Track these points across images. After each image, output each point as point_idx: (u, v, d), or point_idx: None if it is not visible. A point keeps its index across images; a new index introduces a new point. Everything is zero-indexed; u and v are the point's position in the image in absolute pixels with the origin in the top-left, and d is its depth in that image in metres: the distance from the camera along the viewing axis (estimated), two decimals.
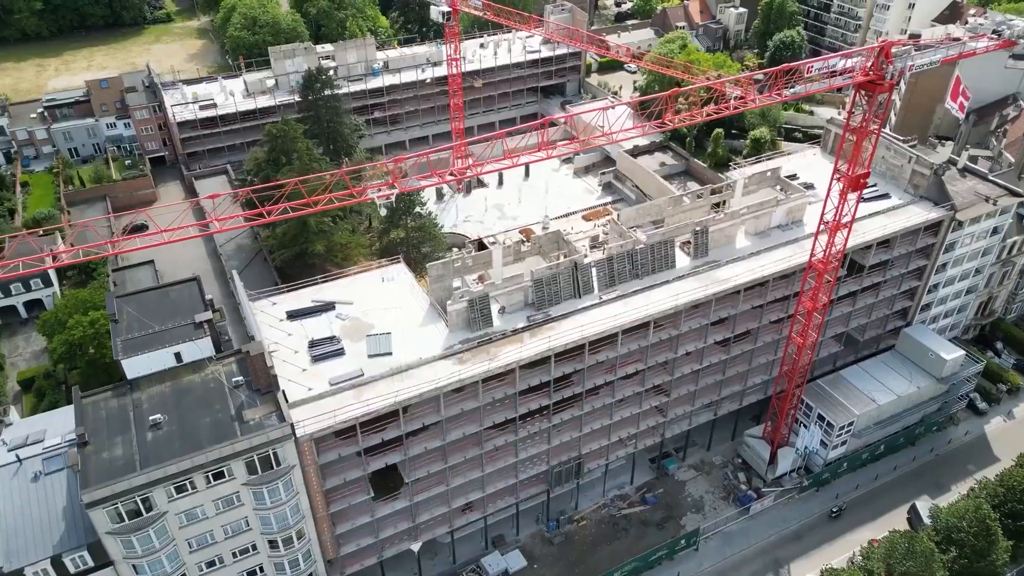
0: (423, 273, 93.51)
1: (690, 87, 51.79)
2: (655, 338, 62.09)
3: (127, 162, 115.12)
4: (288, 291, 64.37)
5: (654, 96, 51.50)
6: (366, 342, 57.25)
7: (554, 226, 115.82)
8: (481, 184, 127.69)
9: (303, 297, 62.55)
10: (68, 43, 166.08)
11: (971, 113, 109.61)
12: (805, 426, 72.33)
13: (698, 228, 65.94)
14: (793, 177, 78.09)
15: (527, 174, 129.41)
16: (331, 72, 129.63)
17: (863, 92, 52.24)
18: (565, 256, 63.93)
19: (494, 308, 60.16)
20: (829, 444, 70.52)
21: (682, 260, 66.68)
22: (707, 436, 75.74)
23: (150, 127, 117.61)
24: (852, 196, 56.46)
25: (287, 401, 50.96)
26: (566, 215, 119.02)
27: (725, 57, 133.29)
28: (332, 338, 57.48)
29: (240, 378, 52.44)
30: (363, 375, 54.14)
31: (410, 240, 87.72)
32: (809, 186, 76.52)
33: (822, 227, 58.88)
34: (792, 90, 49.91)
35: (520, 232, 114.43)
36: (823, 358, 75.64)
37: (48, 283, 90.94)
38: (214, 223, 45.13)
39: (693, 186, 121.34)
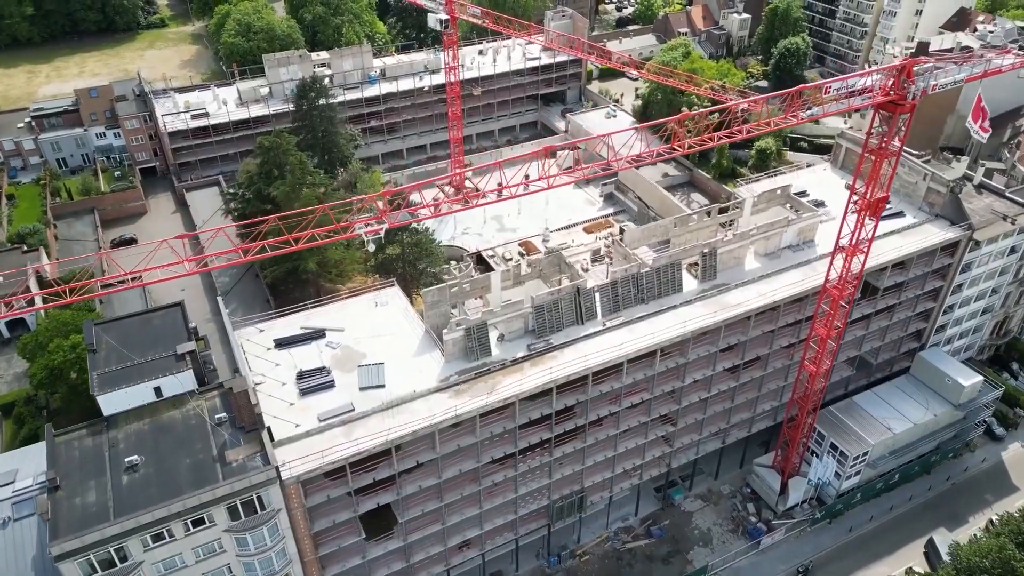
0: (419, 290, 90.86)
1: (700, 111, 48.71)
2: (662, 367, 59.18)
3: (116, 173, 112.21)
4: (277, 316, 61.45)
5: (663, 121, 48.60)
6: (357, 373, 54.30)
7: (555, 239, 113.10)
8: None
9: (292, 323, 59.60)
10: (60, 49, 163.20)
11: None
12: (816, 455, 69.40)
13: (706, 250, 63.06)
14: (803, 194, 75.27)
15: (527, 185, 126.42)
16: (326, 80, 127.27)
17: (883, 112, 49.36)
18: (568, 280, 61.05)
19: (492, 335, 57.29)
20: (843, 475, 67.58)
21: (689, 283, 63.83)
22: (714, 464, 72.81)
23: (140, 137, 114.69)
24: (870, 221, 53.52)
25: (272, 439, 48.01)
26: (567, 227, 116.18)
27: (729, 65, 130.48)
28: (321, 369, 54.53)
29: (223, 415, 49.47)
30: (354, 410, 51.18)
31: (406, 256, 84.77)
32: (820, 204, 73.73)
33: (837, 251, 55.95)
34: (809, 112, 47.01)
35: (520, 245, 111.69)
36: (835, 382, 72.69)
37: (31, 302, 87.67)
38: (208, 259, 41.95)
39: (697, 197, 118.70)
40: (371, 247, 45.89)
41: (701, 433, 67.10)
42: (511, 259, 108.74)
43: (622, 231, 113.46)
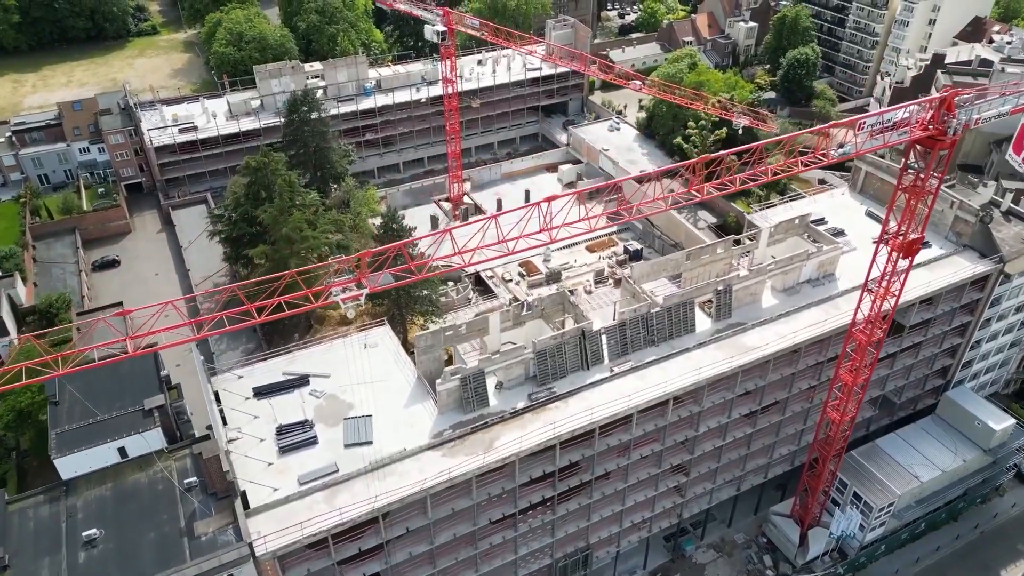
0: (414, 320, 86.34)
1: (722, 152, 44.25)
2: (674, 416, 54.68)
3: (100, 190, 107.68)
4: (261, 359, 56.96)
5: (680, 164, 44.25)
6: (343, 427, 49.80)
7: (556, 258, 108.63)
8: (479, 211, 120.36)
9: (274, 368, 55.06)
10: (47, 57, 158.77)
11: (1003, 141, 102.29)
12: (837, 503, 64.87)
13: (721, 287, 58.56)
14: (820, 222, 70.79)
15: (527, 201, 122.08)
16: (320, 92, 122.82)
17: (919, 147, 44.88)
18: (572, 321, 56.56)
19: (490, 382, 52.81)
20: (867, 526, 63.05)
21: (703, 322, 59.33)
22: (728, 510, 68.32)
23: (125, 152, 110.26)
24: (903, 263, 49.04)
25: (247, 507, 43.51)
26: (568, 246, 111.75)
27: (737, 78, 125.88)
28: (304, 423, 50.00)
29: (194, 479, 44.95)
30: (337, 471, 46.66)
31: (400, 288, 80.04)
32: (839, 233, 69.23)
33: (865, 293, 51.46)
34: (841, 150, 42.53)
35: (520, 265, 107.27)
36: (856, 422, 67.87)
37: (3, 331, 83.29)
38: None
39: (704, 215, 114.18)
40: (350, 314, 41.27)
41: (715, 482, 62.60)
42: (511, 280, 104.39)
43: (626, 250, 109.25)
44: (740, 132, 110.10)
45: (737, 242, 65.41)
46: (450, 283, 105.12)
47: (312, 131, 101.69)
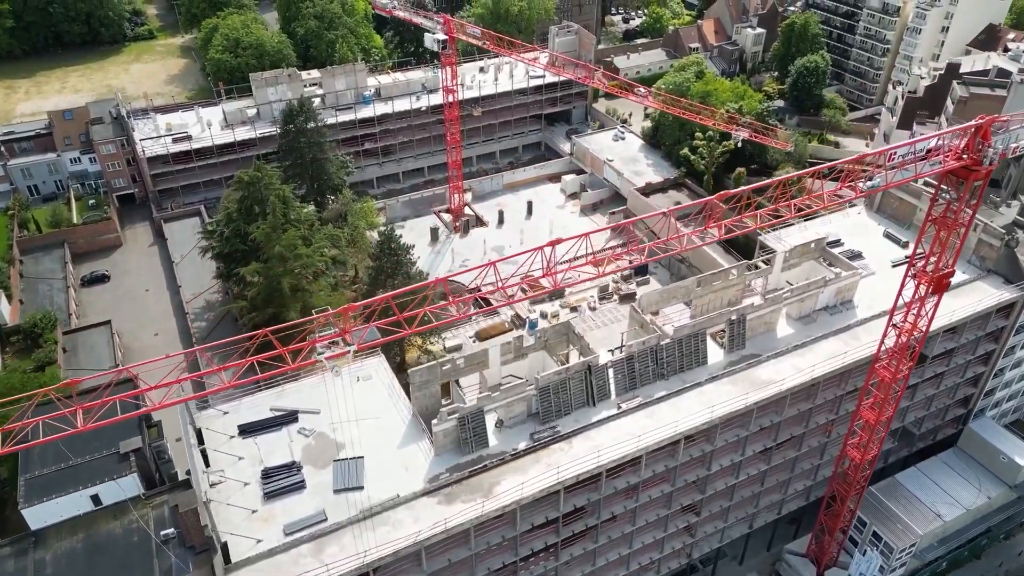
0: (410, 343, 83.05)
1: (744, 189, 41.21)
2: (685, 455, 51.55)
3: (91, 202, 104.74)
4: (247, 392, 53.84)
5: (698, 202, 41.24)
6: (333, 470, 46.75)
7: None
8: (480, 223, 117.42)
9: (261, 403, 51.97)
10: (41, 63, 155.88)
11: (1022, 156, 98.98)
12: (855, 542, 61.66)
13: (734, 317, 55.43)
14: (836, 244, 67.67)
15: (529, 212, 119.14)
16: (317, 101, 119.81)
17: (952, 177, 41.75)
18: (577, 353, 53.48)
19: (490, 420, 49.74)
20: (887, 568, 59.84)
21: (715, 353, 56.21)
22: (740, 548, 65.14)
23: (117, 162, 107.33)
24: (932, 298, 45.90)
25: (228, 561, 40.45)
26: (572, 260, 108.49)
27: (746, 87, 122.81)
28: (291, 465, 46.96)
29: (171, 530, 41.90)
30: (326, 520, 43.61)
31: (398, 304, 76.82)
32: (856, 256, 66.09)
33: (890, 328, 48.33)
34: (871, 183, 39.46)
35: (523, 280, 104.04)
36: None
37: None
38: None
39: (711, 230, 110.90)
40: (335, 373, 38.18)
41: (727, 520, 59.46)
42: (513, 295, 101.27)
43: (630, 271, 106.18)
44: (739, 145, 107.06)
45: (750, 266, 62.29)
46: (449, 298, 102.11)
47: (308, 142, 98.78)
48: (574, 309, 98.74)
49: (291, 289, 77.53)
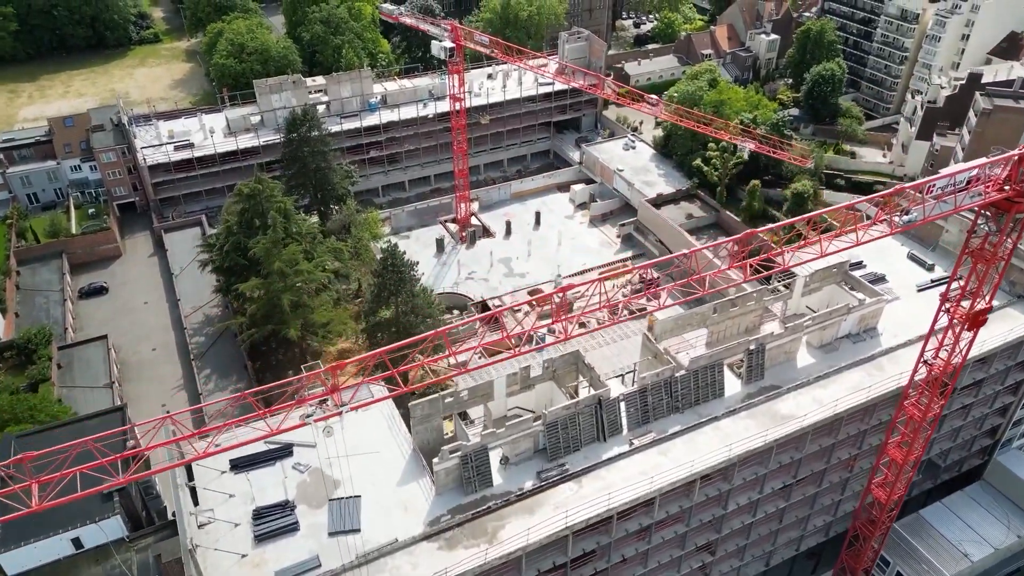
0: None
1: (770, 226, 38.51)
2: (701, 495, 48.80)
3: (91, 211, 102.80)
4: (240, 423, 51.33)
5: (726, 240, 38.61)
6: (328, 510, 44.25)
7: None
8: (487, 233, 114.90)
9: (255, 435, 49.40)
10: (46, 66, 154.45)
11: None
12: None
13: (753, 347, 52.63)
14: (858, 266, 64.69)
15: (537, 222, 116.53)
16: (322, 108, 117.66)
17: (992, 209, 38.85)
18: (587, 384, 50.78)
19: (495, 456, 47.14)
20: None
21: (732, 384, 53.41)
22: None
23: (118, 171, 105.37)
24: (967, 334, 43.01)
25: None
26: (580, 272, 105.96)
27: (760, 96, 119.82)
28: (284, 504, 44.49)
29: None
30: (320, 566, 41.12)
31: (400, 323, 74.48)
32: (879, 279, 63.12)
33: (920, 365, 45.46)
34: (907, 218, 36.64)
35: (529, 294, 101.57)
36: None
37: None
38: None
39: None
40: (327, 433, 35.70)
41: (743, 559, 56.68)
42: (520, 310, 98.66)
43: (642, 279, 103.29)
44: (746, 157, 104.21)
45: (769, 291, 59.39)
46: (455, 311, 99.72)
47: (312, 151, 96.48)
48: (582, 324, 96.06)
49: (291, 306, 75.26)
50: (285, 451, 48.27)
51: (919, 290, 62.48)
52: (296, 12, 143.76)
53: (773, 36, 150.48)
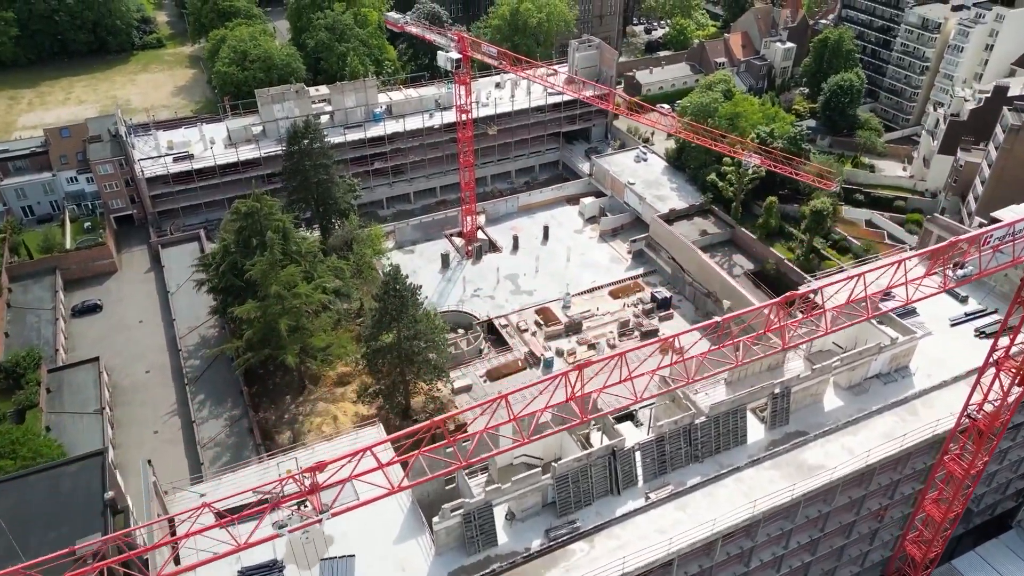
0: (418, 385, 76.95)
1: (800, 295, 35.02)
2: (722, 554, 45.26)
3: (86, 224, 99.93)
4: (227, 469, 48.31)
5: (760, 307, 35.19)
6: (320, 571, 40.93)
7: (576, 304, 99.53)
8: (494, 248, 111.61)
9: (243, 482, 46.20)
10: (46, 72, 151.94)
11: None
12: None
13: (777, 391, 49.05)
14: (887, 296, 60.88)
15: (546, 237, 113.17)
16: (325, 118, 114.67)
17: None
18: (599, 432, 47.31)
19: (499, 512, 43.70)
20: None
21: (754, 429, 49.86)
22: None
23: (115, 183, 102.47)
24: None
25: None
26: (590, 290, 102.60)
27: (777, 108, 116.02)
28: (272, 565, 41.21)
29: None
30: None
31: (403, 351, 71.15)
32: (909, 311, 59.26)
33: (963, 420, 41.83)
34: (963, 272, 33.13)
35: (537, 313, 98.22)
36: None
37: None
38: None
39: (740, 260, 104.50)
40: (305, 539, 32.34)
41: None
42: (527, 329, 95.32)
43: (654, 298, 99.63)
44: (751, 172, 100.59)
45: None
46: (459, 330, 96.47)
47: (314, 164, 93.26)
48: (592, 346, 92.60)
49: (289, 330, 72.05)
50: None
51: (952, 324, 58.73)
52: (301, 18, 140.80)
53: (789, 44, 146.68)
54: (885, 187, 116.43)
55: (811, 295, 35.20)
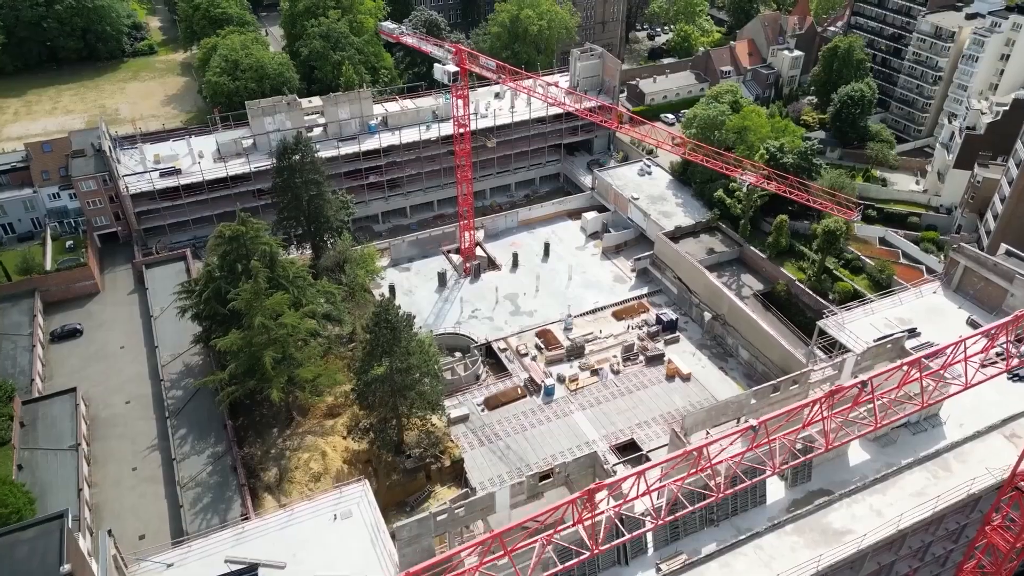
0: (411, 420, 72.58)
1: (848, 384, 30.90)
2: None
3: (68, 243, 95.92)
4: (200, 534, 44.33)
5: (800, 407, 31.12)
6: None
7: (579, 326, 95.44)
8: (493, 266, 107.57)
9: (215, 550, 42.27)
10: (34, 80, 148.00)
11: None
12: None
13: (800, 446, 44.95)
14: (912, 333, 56.98)
15: (546, 254, 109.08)
16: (318, 131, 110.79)
17: None
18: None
19: None
20: None
21: (775, 488, 45.83)
22: None
23: (98, 200, 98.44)
24: None
25: None
26: (592, 311, 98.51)
27: (787, 122, 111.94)
28: None
29: None
30: None
31: (395, 384, 67.07)
32: (936, 353, 55.23)
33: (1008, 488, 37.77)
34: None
35: (537, 336, 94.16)
36: None
37: None
38: None
39: (748, 280, 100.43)
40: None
41: None
42: (527, 354, 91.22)
43: (659, 320, 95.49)
44: (745, 190, 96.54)
45: (829, 350, 51.85)
46: (456, 354, 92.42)
47: (305, 180, 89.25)
48: (595, 372, 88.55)
49: (275, 362, 67.99)
50: (250, 572, 41.01)
51: (983, 366, 54.59)
52: (295, 26, 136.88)
53: (797, 52, 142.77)
54: (898, 202, 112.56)
55: (859, 387, 30.95)
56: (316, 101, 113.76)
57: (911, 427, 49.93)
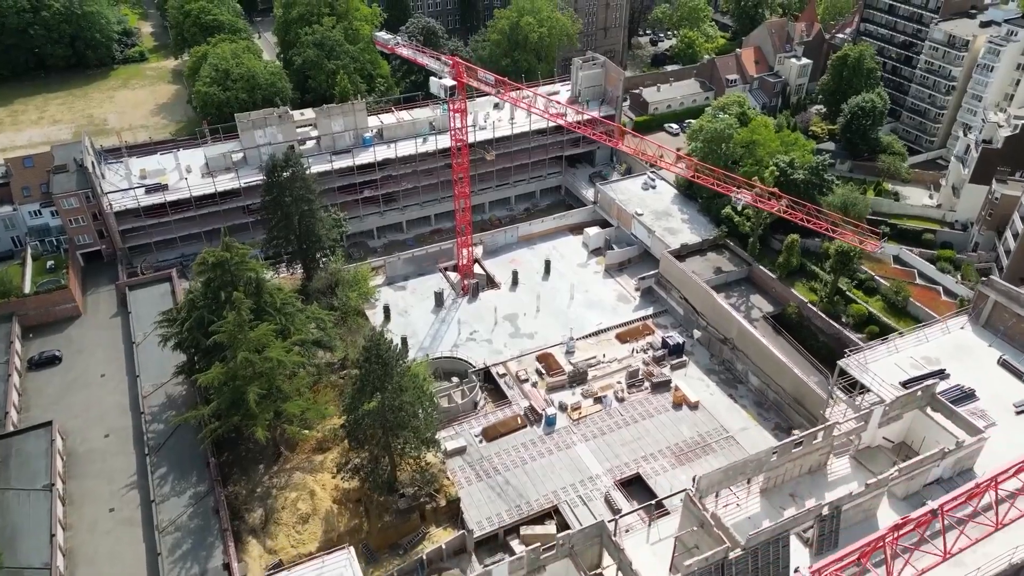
0: (405, 459, 68.34)
1: (915, 515, 27.15)
2: None
3: (49, 263, 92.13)
4: None
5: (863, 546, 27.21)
6: None
7: (581, 349, 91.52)
8: (491, 284, 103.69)
9: None
10: (22, 88, 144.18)
11: None
12: None
13: (826, 512, 41.10)
14: (940, 374, 53.09)
15: (547, 271, 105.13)
16: (311, 144, 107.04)
17: None
18: (614, 567, 39.37)
19: None
20: None
21: (798, 552, 41.93)
22: None
23: (81, 217, 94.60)
24: None
25: None
26: (595, 334, 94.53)
27: (796, 135, 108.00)
28: None
29: None
30: None
31: (386, 421, 63.15)
32: (968, 395, 51.49)
33: None
34: None
35: (538, 360, 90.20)
36: None
37: None
38: None
39: (758, 301, 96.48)
40: None
41: None
42: (527, 379, 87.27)
43: (665, 344, 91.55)
44: (740, 208, 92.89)
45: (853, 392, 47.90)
46: (454, 379, 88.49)
47: (295, 198, 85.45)
48: (598, 400, 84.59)
49: (259, 398, 64.08)
50: None
51: (1018, 412, 50.83)
52: (288, 33, 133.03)
53: (804, 60, 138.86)
54: (911, 217, 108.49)
55: (929, 514, 27.10)
56: (309, 113, 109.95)
57: (944, 484, 46.05)
